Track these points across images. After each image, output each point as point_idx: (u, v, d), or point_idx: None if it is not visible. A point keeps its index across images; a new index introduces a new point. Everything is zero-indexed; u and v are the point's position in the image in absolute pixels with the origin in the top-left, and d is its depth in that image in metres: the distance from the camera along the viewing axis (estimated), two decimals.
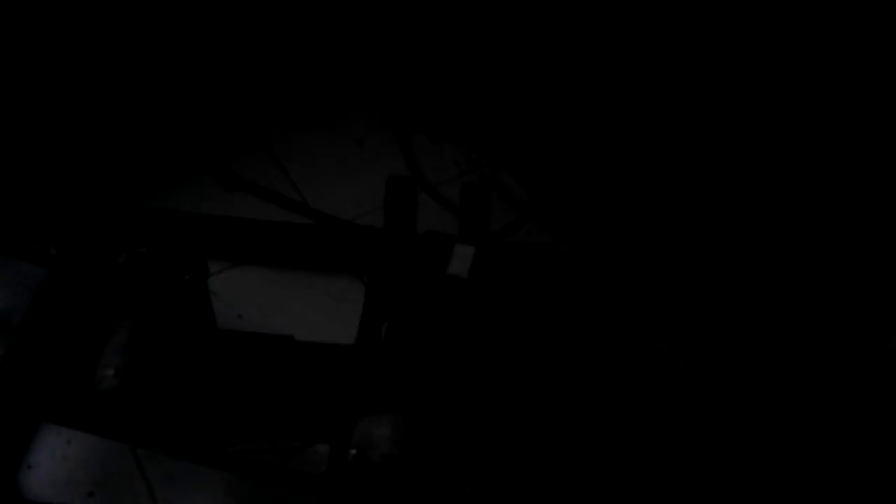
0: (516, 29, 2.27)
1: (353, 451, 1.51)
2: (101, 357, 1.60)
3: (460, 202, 1.89)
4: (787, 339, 1.92)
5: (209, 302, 1.84)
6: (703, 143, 1.95)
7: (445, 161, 2.45)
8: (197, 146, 2.41)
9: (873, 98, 1.62)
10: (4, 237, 2.07)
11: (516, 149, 2.45)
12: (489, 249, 1.78)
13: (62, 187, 2.23)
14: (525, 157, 2.44)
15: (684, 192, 2.03)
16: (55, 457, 1.87)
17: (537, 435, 1.67)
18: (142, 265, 1.70)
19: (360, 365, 1.69)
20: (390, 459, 1.50)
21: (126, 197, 2.28)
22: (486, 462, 1.62)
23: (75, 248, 1.81)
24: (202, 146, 2.42)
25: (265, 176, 2.37)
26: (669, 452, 1.95)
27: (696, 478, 1.93)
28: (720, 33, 1.80)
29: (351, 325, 1.76)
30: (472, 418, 1.63)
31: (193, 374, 1.69)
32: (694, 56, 1.87)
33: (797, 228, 1.83)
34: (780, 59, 1.73)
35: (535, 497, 1.68)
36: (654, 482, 1.92)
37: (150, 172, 2.34)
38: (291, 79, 2.55)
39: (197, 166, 2.36)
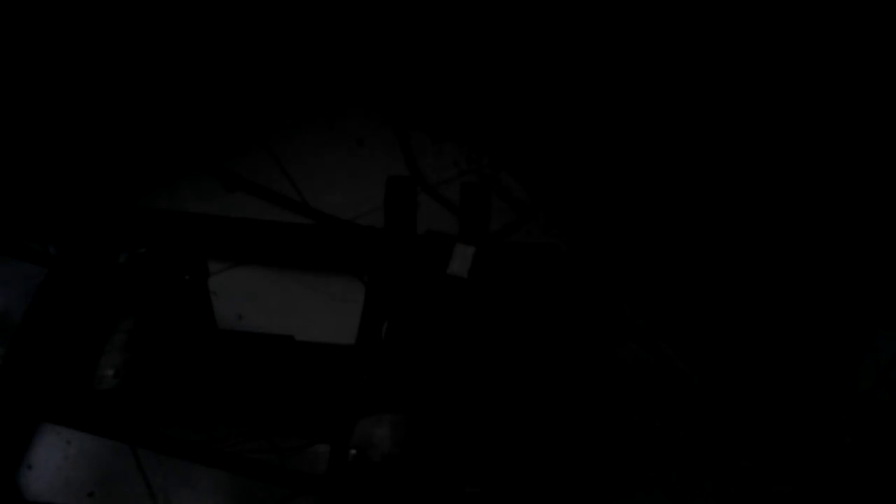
0: (516, 29, 2.27)
1: (353, 451, 1.51)
2: (101, 357, 1.60)
3: (460, 202, 1.89)
4: (786, 339, 1.92)
5: (209, 302, 1.84)
6: (702, 142, 1.95)
7: (445, 161, 2.45)
8: (197, 146, 2.41)
9: (871, 98, 1.62)
10: (4, 237, 2.07)
11: (516, 149, 2.45)
12: (489, 249, 1.78)
13: (62, 187, 2.23)
14: (525, 157, 2.44)
15: (684, 192, 2.03)
16: (55, 457, 1.87)
17: (537, 435, 1.67)
18: (142, 265, 1.70)
19: (360, 365, 1.69)
20: (390, 459, 1.50)
21: (126, 197, 2.28)
22: (486, 462, 1.62)
23: (75, 248, 1.81)
24: (202, 146, 2.42)
25: (265, 176, 2.37)
26: (669, 452, 1.96)
27: (696, 477, 1.93)
28: (719, 33, 1.80)
29: (351, 325, 1.76)
30: (472, 418, 1.63)
31: (193, 375, 1.69)
32: (692, 56, 1.87)
33: (795, 228, 1.83)
34: (778, 59, 1.73)
35: (536, 497, 1.68)
36: (654, 481, 1.92)
37: (150, 172, 2.34)
38: (291, 78, 2.55)
39: (197, 166, 2.36)
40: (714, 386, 2.05)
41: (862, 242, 1.73)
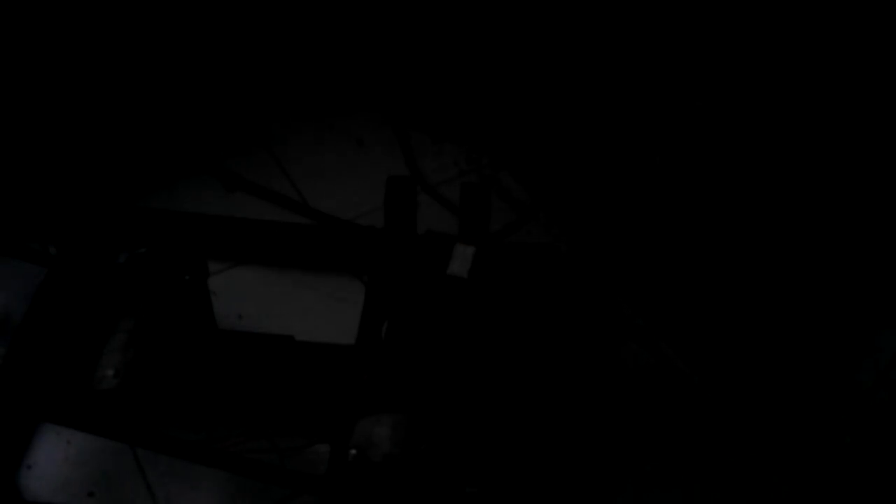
0: (516, 29, 2.27)
1: (353, 451, 1.51)
2: (101, 357, 1.60)
3: (460, 202, 1.89)
4: (786, 339, 1.92)
5: (209, 302, 1.84)
6: (701, 143, 1.95)
7: (445, 161, 2.45)
8: (197, 146, 2.41)
9: (871, 98, 1.62)
10: (4, 237, 2.07)
11: (516, 149, 2.45)
12: (489, 249, 1.78)
13: (62, 187, 2.23)
14: (525, 157, 2.44)
15: (683, 192, 2.03)
16: (55, 457, 1.87)
17: (537, 435, 1.67)
18: (142, 265, 1.70)
19: (360, 365, 1.69)
20: (390, 459, 1.50)
21: (126, 197, 2.28)
22: (486, 462, 1.62)
23: (75, 248, 1.80)
24: (202, 146, 2.42)
25: (265, 176, 2.37)
26: (669, 452, 1.96)
27: (696, 477, 1.93)
28: (718, 33, 1.80)
29: (351, 325, 1.76)
30: (472, 418, 1.63)
31: (193, 375, 1.69)
32: (692, 57, 1.87)
33: (795, 228, 1.83)
34: (778, 59, 1.73)
35: (535, 497, 1.68)
36: (654, 481, 1.92)
37: (150, 172, 2.34)
38: (291, 78, 2.55)
39: (197, 166, 2.36)
40: (714, 386, 2.05)
41: (862, 242, 1.73)
